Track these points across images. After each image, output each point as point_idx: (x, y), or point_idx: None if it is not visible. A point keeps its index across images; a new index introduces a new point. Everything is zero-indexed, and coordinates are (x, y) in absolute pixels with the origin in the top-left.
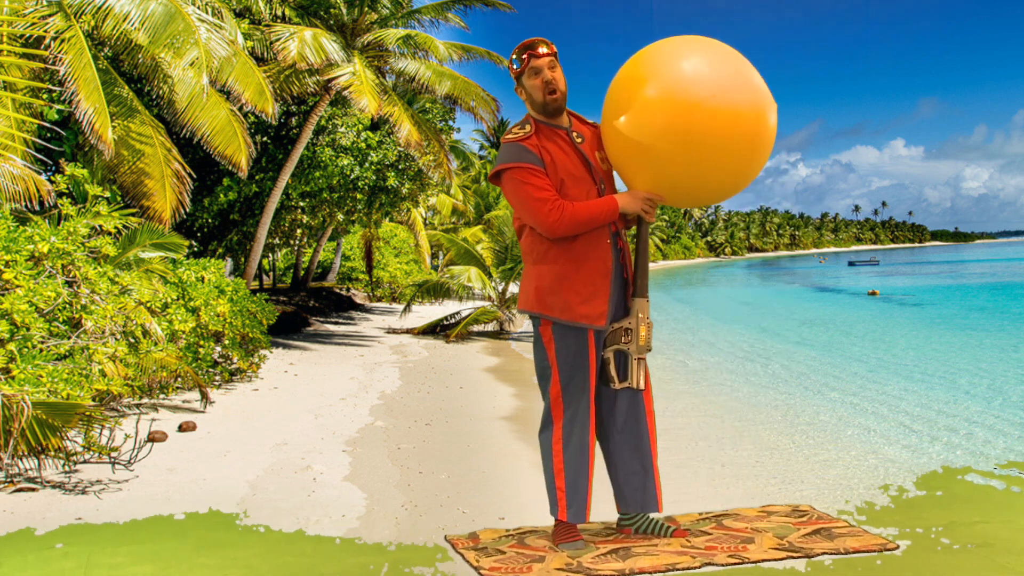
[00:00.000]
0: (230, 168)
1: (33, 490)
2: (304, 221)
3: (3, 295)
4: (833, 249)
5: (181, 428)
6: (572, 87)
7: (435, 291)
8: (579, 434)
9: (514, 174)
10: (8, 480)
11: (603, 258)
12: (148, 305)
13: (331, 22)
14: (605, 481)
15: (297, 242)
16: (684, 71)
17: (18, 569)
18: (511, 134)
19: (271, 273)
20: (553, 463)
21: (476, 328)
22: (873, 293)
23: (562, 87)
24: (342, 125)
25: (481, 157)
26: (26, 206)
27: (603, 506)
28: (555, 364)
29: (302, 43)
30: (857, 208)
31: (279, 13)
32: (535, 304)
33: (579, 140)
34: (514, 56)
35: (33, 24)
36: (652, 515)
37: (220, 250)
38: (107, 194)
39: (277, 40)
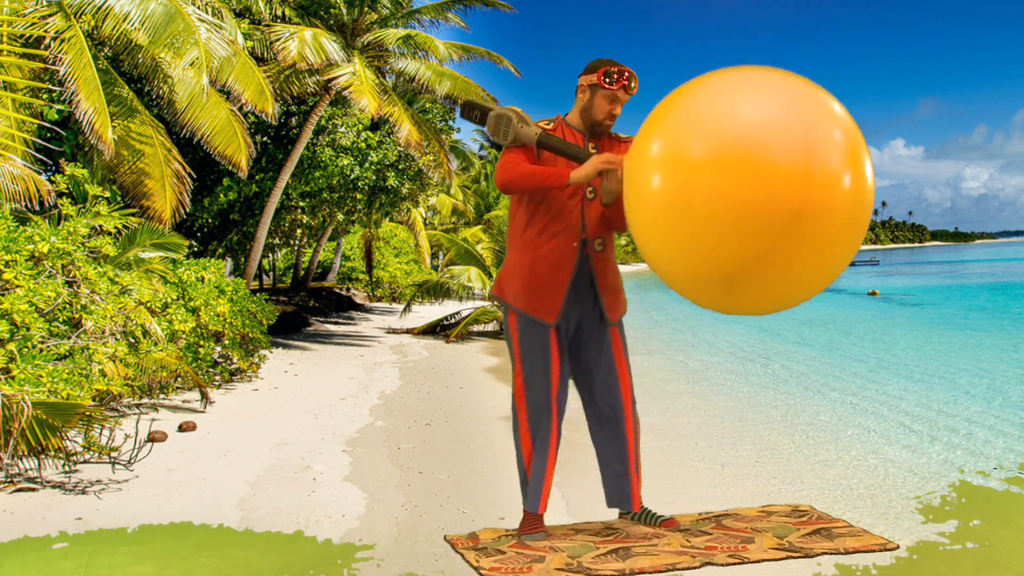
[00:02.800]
0: (230, 168)
1: (33, 490)
2: (304, 221)
3: (3, 295)
4: None
5: (181, 428)
6: (571, 87)
7: (435, 291)
8: (545, 425)
9: (507, 150)
10: (8, 480)
11: (565, 260)
12: (148, 305)
13: (331, 22)
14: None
15: (297, 242)
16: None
17: (18, 569)
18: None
19: (271, 273)
20: (522, 454)
21: (476, 328)
22: (873, 293)
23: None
24: (342, 125)
25: (481, 157)
26: (26, 206)
27: (603, 506)
28: (518, 355)
29: (302, 43)
30: None
31: (279, 13)
32: (496, 288)
33: (593, 150)
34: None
35: (33, 24)
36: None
37: (220, 250)
38: (107, 194)
39: (277, 40)
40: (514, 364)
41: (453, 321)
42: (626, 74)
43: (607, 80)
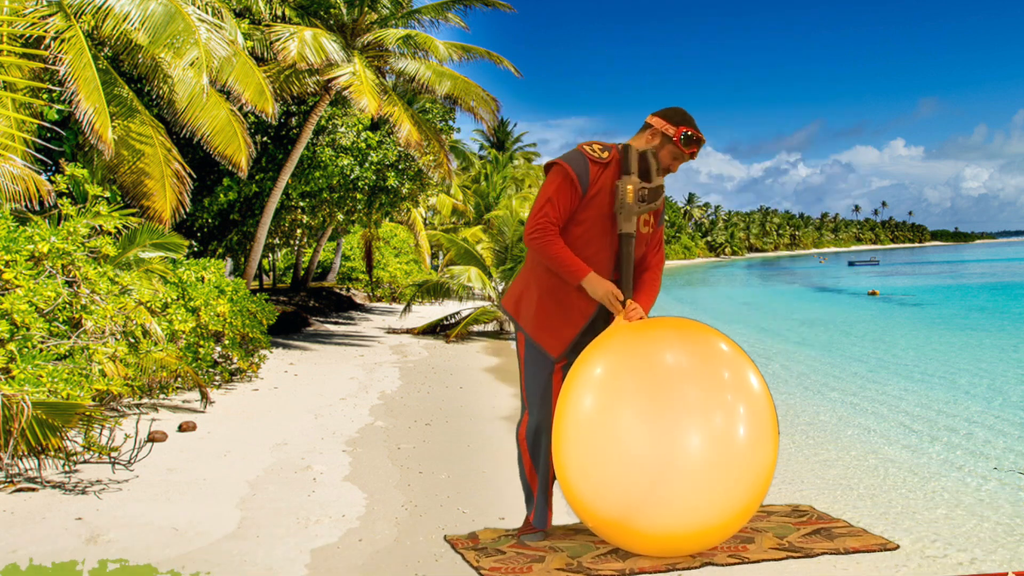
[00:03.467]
0: (230, 168)
1: (33, 490)
2: (304, 221)
3: (3, 295)
4: (833, 249)
5: (181, 428)
6: (571, 87)
7: (435, 291)
8: (545, 444)
9: (556, 171)
10: (8, 480)
11: (589, 299)
12: (148, 305)
13: (331, 22)
14: None
15: (297, 242)
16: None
17: (18, 569)
18: (591, 147)
19: (271, 273)
20: (524, 469)
21: (476, 328)
22: (873, 293)
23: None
24: (342, 125)
25: (481, 157)
26: (26, 206)
27: None
28: (523, 377)
29: (302, 43)
30: (857, 208)
31: (279, 13)
32: (513, 306)
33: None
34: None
35: (33, 24)
36: None
37: (220, 250)
38: (107, 194)
39: (277, 40)
40: (520, 381)
41: (453, 321)
42: (702, 143)
43: (683, 142)
